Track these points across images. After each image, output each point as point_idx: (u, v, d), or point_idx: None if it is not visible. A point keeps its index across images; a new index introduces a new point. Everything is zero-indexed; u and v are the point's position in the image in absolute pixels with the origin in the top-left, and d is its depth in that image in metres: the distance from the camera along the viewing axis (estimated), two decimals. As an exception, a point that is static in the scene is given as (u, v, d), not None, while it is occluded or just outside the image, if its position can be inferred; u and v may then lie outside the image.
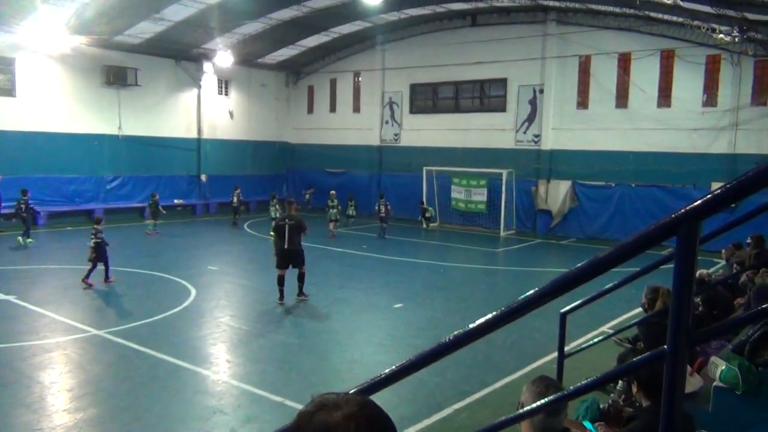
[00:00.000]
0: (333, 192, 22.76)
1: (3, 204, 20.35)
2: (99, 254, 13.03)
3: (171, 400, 7.33)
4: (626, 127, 21.55)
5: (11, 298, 11.76)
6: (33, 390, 7.51)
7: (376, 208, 22.67)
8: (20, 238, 17.84)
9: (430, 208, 24.71)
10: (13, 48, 21.19)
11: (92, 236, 13.09)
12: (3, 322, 10.25)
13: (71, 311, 11.14)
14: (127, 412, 6.97)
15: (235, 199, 24.26)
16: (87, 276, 13.02)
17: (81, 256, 16.35)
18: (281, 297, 12.02)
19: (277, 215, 19.16)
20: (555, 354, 7.28)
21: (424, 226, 23.98)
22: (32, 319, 10.58)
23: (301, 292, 12.22)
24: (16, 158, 21.33)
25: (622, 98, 21.84)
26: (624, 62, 21.68)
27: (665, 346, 1.72)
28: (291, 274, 12.38)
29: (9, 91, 21.61)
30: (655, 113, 21.04)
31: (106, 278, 13.31)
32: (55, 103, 22.65)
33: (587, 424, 4.59)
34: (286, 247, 11.94)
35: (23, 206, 18.26)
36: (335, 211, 21.73)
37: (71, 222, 21.85)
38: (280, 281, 12.02)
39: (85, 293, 12.59)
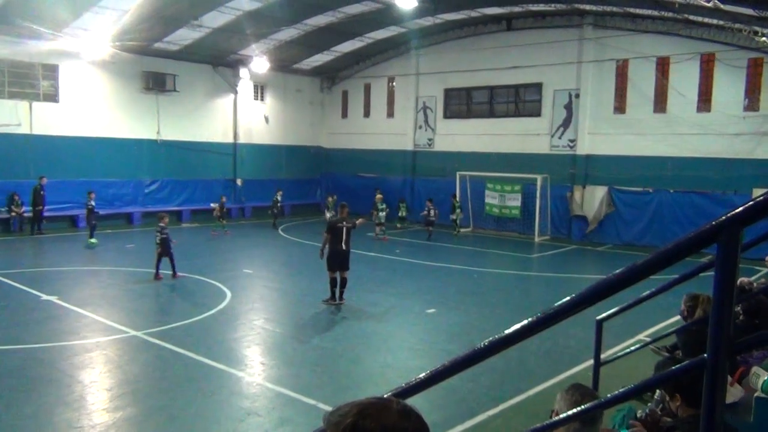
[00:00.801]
0: (380, 195, 23.22)
1: (46, 207, 20.95)
2: (164, 249, 13.92)
3: (206, 401, 7.43)
4: (665, 132, 21.15)
5: (53, 298, 12.08)
6: (74, 389, 7.70)
7: (425, 211, 23.10)
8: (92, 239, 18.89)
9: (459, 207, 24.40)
10: (57, 55, 21.81)
11: (158, 233, 13.93)
12: (46, 322, 10.53)
13: (110, 312, 11.39)
14: (163, 411, 7.10)
15: (278, 200, 24.80)
16: (156, 271, 14.03)
17: (120, 259, 16.77)
18: (334, 297, 12.21)
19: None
20: (590, 362, 7.17)
21: (455, 231, 23.86)
22: (73, 319, 10.85)
23: (341, 296, 12.31)
24: (59, 162, 21.95)
25: (660, 103, 21.45)
26: (663, 66, 21.31)
27: (705, 355, 1.70)
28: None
29: (53, 97, 22.25)
30: (695, 118, 20.60)
31: (174, 274, 14.12)
32: (96, 109, 23.24)
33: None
34: (343, 248, 12.18)
35: (89, 208, 19.44)
36: (383, 214, 22.28)
37: (111, 225, 22.33)
38: (334, 283, 12.22)
39: (124, 295, 12.86)
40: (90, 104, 23.06)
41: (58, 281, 14.00)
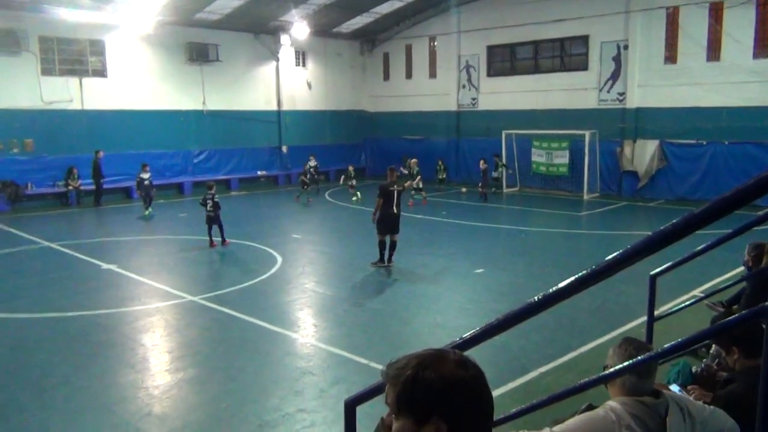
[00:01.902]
0: (413, 160, 22.77)
1: (105, 179, 21.64)
2: (215, 216, 14.04)
3: (263, 362, 7.67)
4: (719, 81, 20.30)
5: (113, 267, 12.54)
6: (137, 351, 8.04)
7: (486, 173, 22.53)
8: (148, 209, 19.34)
9: (504, 165, 23.87)
10: (103, 30, 22.24)
11: (210, 200, 14.04)
12: (107, 290, 10.97)
13: (167, 279, 11.78)
14: (222, 372, 7.36)
15: (311, 167, 23.70)
16: (210, 239, 14.24)
17: (174, 228, 17.23)
18: (383, 259, 12.33)
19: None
20: (643, 318, 7.10)
21: (493, 190, 23.36)
22: (133, 286, 11.27)
23: (390, 259, 12.41)
24: (109, 136, 22.55)
25: (714, 50, 20.54)
26: (716, 12, 20.33)
27: (767, 303, 1.67)
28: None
29: (101, 72, 22.75)
30: (752, 65, 19.69)
31: (223, 241, 14.32)
32: (143, 82, 23.67)
33: (674, 387, 4.48)
34: (395, 211, 12.30)
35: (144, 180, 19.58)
36: (417, 180, 21.51)
37: (162, 195, 22.89)
38: (383, 246, 12.33)
39: (180, 262, 13.25)
40: (137, 78, 23.50)
41: (116, 251, 14.52)
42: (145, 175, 19.47)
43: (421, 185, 21.85)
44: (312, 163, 24.13)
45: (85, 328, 8.93)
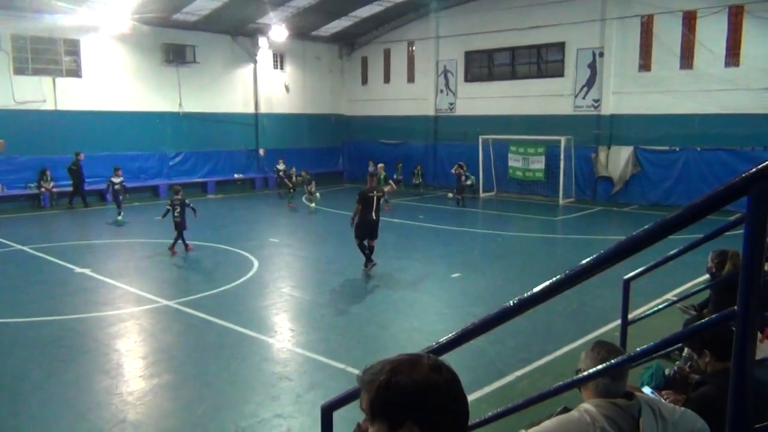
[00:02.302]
0: (380, 165, 22.03)
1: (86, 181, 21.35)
2: (183, 221, 13.83)
3: (239, 367, 7.62)
4: (692, 88, 20.68)
5: (87, 271, 12.37)
6: (111, 357, 7.94)
7: (460, 177, 22.37)
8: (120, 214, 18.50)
9: (472, 177, 23.70)
10: (78, 30, 21.93)
11: (178, 205, 13.81)
12: (81, 294, 10.81)
13: (142, 283, 11.64)
14: (198, 378, 7.29)
15: (280, 170, 24.10)
16: (185, 243, 14.02)
17: (148, 231, 17.02)
18: (370, 259, 12.33)
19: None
20: (617, 322, 7.17)
21: (449, 195, 23.42)
22: (107, 290, 11.11)
23: (370, 258, 12.37)
24: (84, 137, 22.18)
25: (687, 59, 20.92)
26: (689, 21, 20.72)
27: (735, 307, 1.71)
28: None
29: (76, 72, 22.43)
30: (723, 73, 20.09)
31: (186, 246, 14.11)
32: (118, 83, 23.38)
33: (647, 390, 4.54)
34: (373, 217, 12.22)
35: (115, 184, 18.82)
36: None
37: (138, 198, 22.65)
38: (362, 247, 12.32)
39: (155, 266, 13.11)
40: (112, 78, 23.21)
41: (89, 254, 14.30)
42: (117, 180, 18.81)
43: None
44: (280, 166, 24.17)
45: (59, 333, 8.78)
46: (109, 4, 21.01)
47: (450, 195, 24.11)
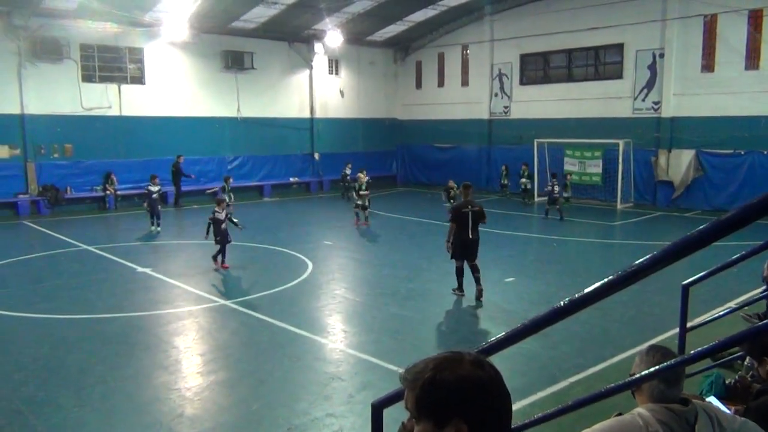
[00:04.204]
0: (361, 173, 19.60)
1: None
2: (224, 237, 12.73)
3: (292, 366, 7.75)
4: (757, 89, 19.88)
5: (148, 270, 12.80)
6: (170, 354, 8.19)
7: (549, 187, 20.27)
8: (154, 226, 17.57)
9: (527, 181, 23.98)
10: (142, 38, 22.76)
11: (221, 218, 12.74)
12: (142, 293, 11.20)
13: (200, 283, 11.96)
14: (252, 375, 7.45)
15: (347, 174, 24.84)
16: (218, 259, 12.89)
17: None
18: (460, 288, 10.80)
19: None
20: (676, 330, 6.98)
21: (525, 199, 23.45)
22: (167, 289, 11.48)
23: (479, 292, 10.58)
24: (147, 142, 23.01)
25: (752, 59, 20.13)
26: (755, 19, 19.93)
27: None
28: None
29: (139, 79, 23.26)
30: (792, 73, 19.27)
31: (223, 263, 12.91)
32: (180, 89, 24.13)
33: (712, 399, 4.40)
34: (470, 236, 10.62)
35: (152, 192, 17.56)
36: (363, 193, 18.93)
37: (198, 201, 23.26)
38: (460, 272, 10.78)
39: (212, 267, 13.37)
40: (174, 85, 23.96)
41: (151, 254, 14.82)
42: (154, 188, 17.57)
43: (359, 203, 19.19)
44: (347, 171, 24.80)
45: (121, 330, 9.12)
46: (171, 14, 21.72)
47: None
